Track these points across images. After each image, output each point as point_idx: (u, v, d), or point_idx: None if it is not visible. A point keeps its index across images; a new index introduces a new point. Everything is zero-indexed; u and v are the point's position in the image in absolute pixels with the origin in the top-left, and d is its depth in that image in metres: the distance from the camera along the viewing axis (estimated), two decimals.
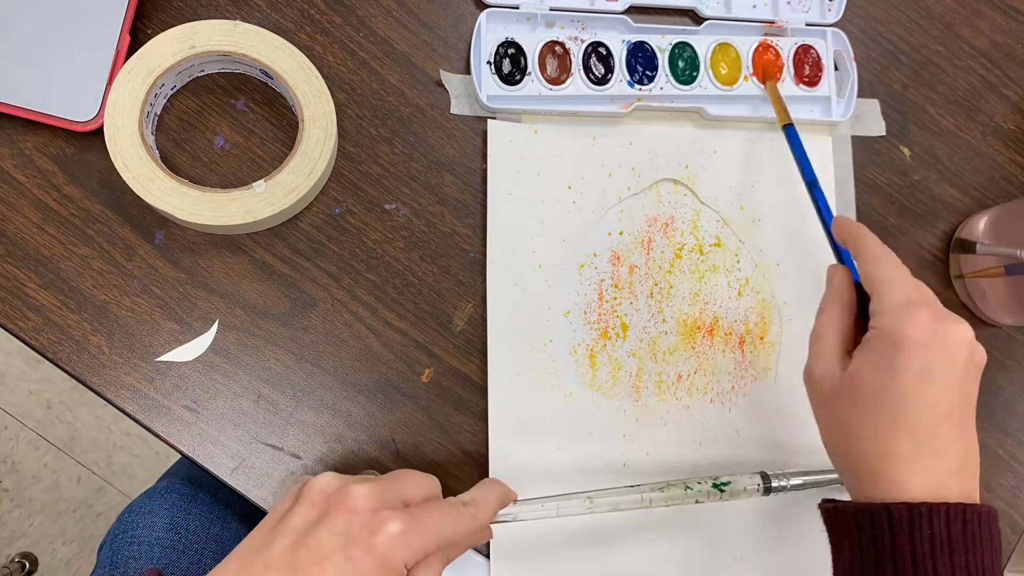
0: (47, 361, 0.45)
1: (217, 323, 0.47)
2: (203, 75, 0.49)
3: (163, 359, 0.46)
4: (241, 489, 0.46)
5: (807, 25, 0.55)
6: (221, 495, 0.59)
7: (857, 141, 0.55)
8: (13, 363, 1.25)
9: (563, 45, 0.51)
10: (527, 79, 0.51)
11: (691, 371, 0.51)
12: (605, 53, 0.52)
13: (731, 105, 0.53)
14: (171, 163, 0.48)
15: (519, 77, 0.51)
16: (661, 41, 0.53)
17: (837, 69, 0.55)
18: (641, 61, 0.52)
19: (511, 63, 0.51)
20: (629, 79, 0.52)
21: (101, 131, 0.45)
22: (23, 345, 0.45)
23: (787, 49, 0.54)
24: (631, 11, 0.53)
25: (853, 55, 0.55)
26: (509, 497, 0.40)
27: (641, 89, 0.52)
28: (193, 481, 0.59)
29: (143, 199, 0.45)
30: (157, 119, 0.48)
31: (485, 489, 0.39)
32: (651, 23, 0.53)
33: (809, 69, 0.54)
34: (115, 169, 0.44)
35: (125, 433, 1.26)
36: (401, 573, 0.33)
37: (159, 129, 0.48)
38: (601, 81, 0.51)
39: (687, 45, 0.53)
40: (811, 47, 0.54)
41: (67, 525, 1.24)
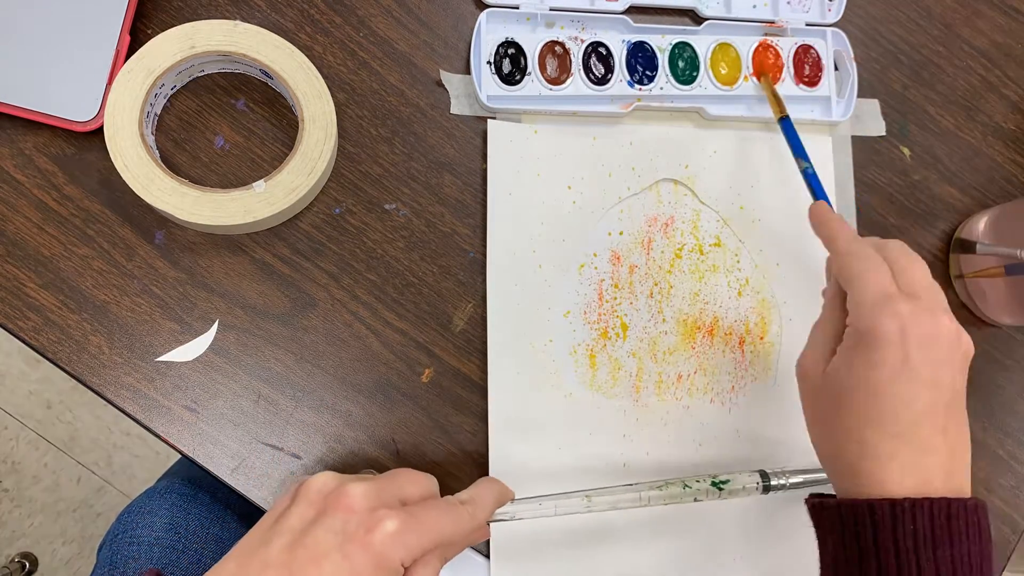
0: (47, 361, 0.45)
1: (217, 323, 0.47)
2: (203, 75, 0.49)
3: (163, 359, 0.46)
4: (241, 489, 0.46)
5: (807, 25, 0.55)
6: (221, 495, 0.59)
7: (857, 141, 0.55)
8: (13, 363, 1.25)
9: (563, 45, 0.51)
10: (527, 79, 0.51)
11: (691, 371, 0.51)
12: (605, 53, 0.52)
13: (731, 105, 0.53)
14: (171, 163, 0.48)
15: (519, 77, 0.51)
16: (661, 41, 0.53)
17: (837, 69, 0.55)
18: (641, 61, 0.52)
19: (511, 63, 0.51)
20: (629, 79, 0.52)
21: (101, 131, 0.45)
22: (23, 345, 0.45)
23: (787, 49, 0.54)
24: (631, 11, 0.53)
25: (853, 55, 0.55)
26: (507, 496, 0.40)
27: (641, 89, 0.52)
28: (193, 481, 0.59)
29: (143, 199, 0.45)
30: (157, 119, 0.48)
31: (483, 488, 0.39)
32: (651, 23, 0.53)
33: (809, 69, 0.54)
34: (115, 169, 0.44)
35: (125, 433, 1.26)
36: (398, 572, 0.33)
37: (159, 129, 0.48)
38: (601, 81, 0.51)
39: (687, 45, 0.53)
40: (811, 47, 0.54)
41: (67, 525, 1.24)
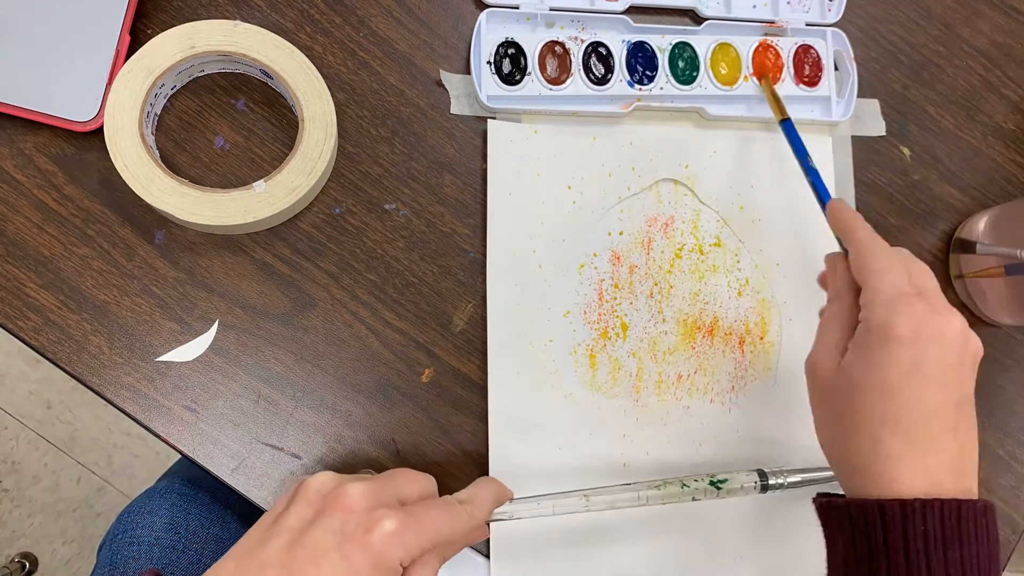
0: (47, 361, 0.45)
1: (217, 323, 0.47)
2: (203, 75, 0.49)
3: (163, 359, 0.46)
4: (241, 489, 0.46)
5: (807, 25, 0.55)
6: (221, 495, 0.59)
7: (857, 141, 0.55)
8: (13, 363, 1.25)
9: (563, 45, 0.51)
10: (527, 79, 0.51)
11: (691, 371, 0.51)
12: (605, 53, 0.52)
13: (731, 105, 0.53)
14: (171, 163, 0.48)
15: (519, 77, 0.51)
16: (661, 41, 0.53)
17: (837, 69, 0.55)
18: (641, 61, 0.52)
19: (511, 63, 0.51)
20: (629, 79, 0.52)
21: (101, 131, 0.45)
22: (23, 345, 0.45)
23: (787, 49, 0.54)
24: (631, 11, 0.53)
25: (853, 55, 0.55)
26: (505, 495, 0.40)
27: (641, 89, 0.52)
28: (193, 481, 0.59)
29: (143, 199, 0.45)
30: (157, 119, 0.48)
31: (481, 487, 0.39)
32: (651, 23, 0.53)
33: (809, 69, 0.54)
34: (115, 169, 0.44)
35: (125, 433, 1.26)
36: (397, 571, 0.33)
37: (159, 129, 0.48)
38: (601, 81, 0.51)
39: (687, 45, 0.53)
40: (811, 47, 0.54)
41: (67, 525, 1.24)
